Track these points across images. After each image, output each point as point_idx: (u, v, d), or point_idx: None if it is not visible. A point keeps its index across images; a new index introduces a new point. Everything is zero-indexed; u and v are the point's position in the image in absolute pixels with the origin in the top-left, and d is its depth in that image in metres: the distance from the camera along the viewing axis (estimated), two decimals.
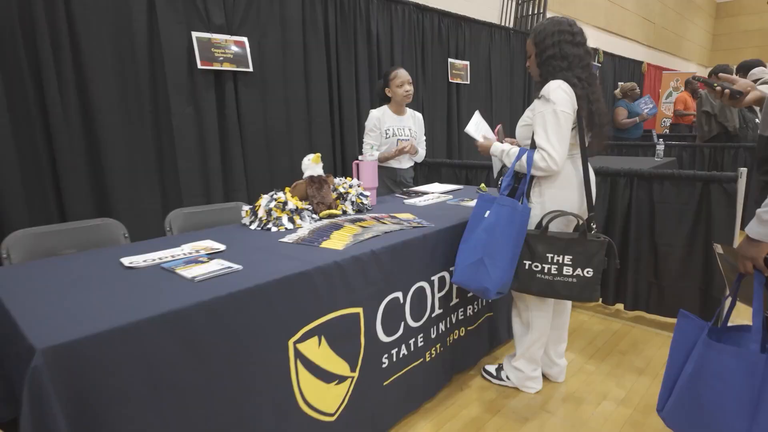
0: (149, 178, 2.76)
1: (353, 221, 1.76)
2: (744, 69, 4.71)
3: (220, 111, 3.03)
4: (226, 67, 2.99)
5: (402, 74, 2.65)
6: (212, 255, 1.37)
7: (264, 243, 1.52)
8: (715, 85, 1.38)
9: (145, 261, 1.30)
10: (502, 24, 5.83)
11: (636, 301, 2.51)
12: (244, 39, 3.08)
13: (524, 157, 1.65)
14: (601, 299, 2.67)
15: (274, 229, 1.70)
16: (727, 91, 1.36)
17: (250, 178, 3.21)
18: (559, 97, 1.58)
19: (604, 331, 2.47)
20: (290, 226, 1.72)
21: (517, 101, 6.04)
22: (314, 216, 1.83)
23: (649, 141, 5.60)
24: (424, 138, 2.90)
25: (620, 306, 2.62)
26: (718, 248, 1.39)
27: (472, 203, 2.15)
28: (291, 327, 1.22)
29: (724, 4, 14.76)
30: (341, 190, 2.02)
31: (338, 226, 1.67)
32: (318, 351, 1.29)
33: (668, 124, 7.38)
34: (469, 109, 5.11)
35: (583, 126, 1.66)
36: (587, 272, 1.64)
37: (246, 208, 1.81)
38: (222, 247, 1.44)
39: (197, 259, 1.31)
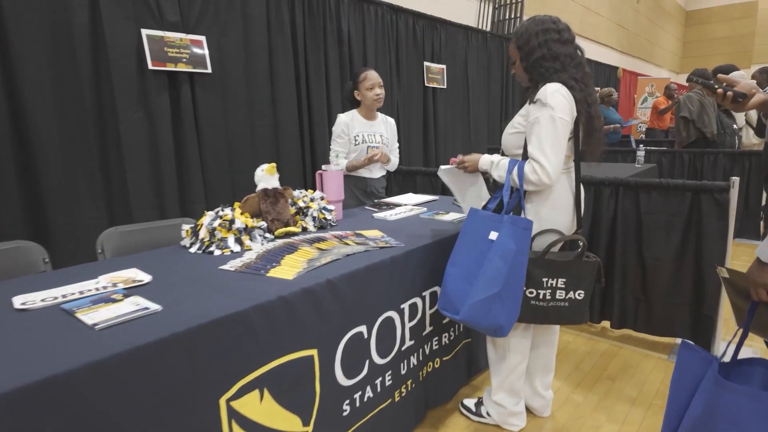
0: (92, 191, 2.48)
1: (311, 241, 1.54)
2: (722, 73, 4.67)
3: (175, 115, 2.78)
4: (182, 68, 2.74)
5: (372, 76, 2.44)
6: (131, 289, 1.13)
7: (200, 271, 1.28)
8: (716, 86, 1.24)
9: (43, 300, 1.05)
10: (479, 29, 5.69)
11: (623, 319, 2.35)
12: (202, 38, 2.83)
13: (515, 170, 1.45)
14: (609, 324, 2.50)
15: (217, 252, 1.46)
16: (729, 93, 1.22)
17: (209, 189, 2.95)
18: (557, 102, 1.39)
19: (590, 352, 2.29)
20: (237, 248, 1.48)
21: (495, 107, 5.92)
22: (267, 236, 1.61)
23: (626, 147, 5.54)
24: (398, 145, 2.70)
25: (606, 324, 2.45)
26: (723, 272, 1.23)
27: (448, 217, 1.96)
28: (222, 382, 0.99)
29: (694, 12, 15.12)
30: (301, 204, 1.80)
31: (292, 249, 1.45)
32: (260, 407, 1.06)
33: (644, 129, 7.38)
34: (446, 115, 4.94)
35: (580, 135, 1.48)
36: (578, 294, 1.47)
37: (186, 227, 1.57)
38: (146, 278, 1.20)
39: (110, 297, 1.06)
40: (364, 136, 2.48)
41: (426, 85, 4.59)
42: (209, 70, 2.85)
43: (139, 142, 2.62)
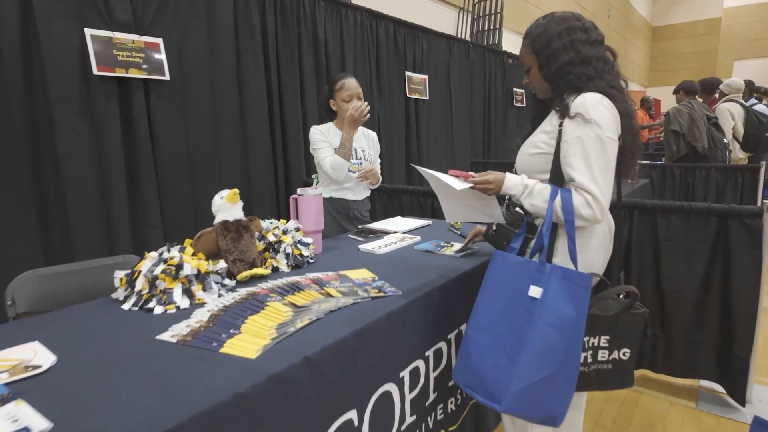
0: (22, 217, 2.09)
1: (283, 292, 1.21)
2: (709, 86, 4.59)
3: (126, 128, 2.41)
4: (134, 74, 2.38)
5: (350, 85, 2.13)
6: (19, 383, 0.78)
7: (129, 344, 0.94)
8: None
9: None
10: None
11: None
12: (159, 41, 2.48)
13: (558, 200, 1.14)
14: None
15: (158, 309, 1.12)
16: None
17: (167, 213, 2.57)
18: (603, 117, 1.12)
19: (608, 401, 2.01)
20: (185, 303, 1.14)
21: (478, 119, 5.71)
22: (227, 282, 1.27)
23: None
24: (380, 161, 2.39)
25: None
26: None
27: (452, 250, 1.64)
28: None
29: (660, 28, 15.56)
30: (271, 238, 1.47)
31: (257, 305, 1.11)
32: None
33: None
34: (429, 128, 4.68)
35: (627, 156, 1.22)
36: (624, 354, 1.20)
37: (120, 274, 1.21)
38: (47, 361, 0.85)
39: None
40: None
41: (408, 96, 4.33)
42: (167, 77, 2.50)
43: (82, 159, 2.24)
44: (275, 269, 1.43)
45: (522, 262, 1.15)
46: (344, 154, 2.04)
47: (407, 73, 4.30)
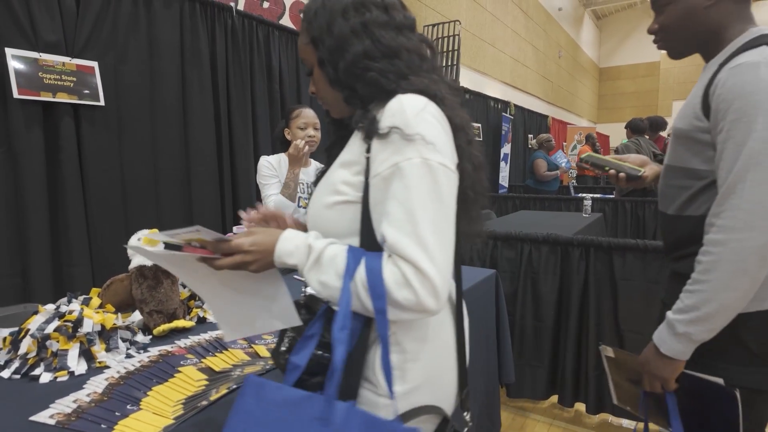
0: None
1: (204, 350, 1.04)
2: (655, 124, 4.81)
3: (51, 156, 2.19)
4: (63, 98, 2.18)
5: (307, 114, 2.03)
6: None
7: None
8: (607, 168, 1.19)
9: None
10: None
11: (600, 403, 2.01)
12: (94, 64, 2.30)
13: (361, 274, 0.65)
14: (557, 399, 2.14)
15: (46, 377, 0.92)
16: (622, 174, 1.17)
17: (96, 250, 2.33)
18: (433, 132, 0.68)
19: None
20: (82, 368, 0.95)
21: None
22: (139, 339, 1.08)
23: (566, 194, 5.55)
24: None
25: (581, 407, 2.10)
26: (608, 351, 1.14)
27: None
28: None
29: (606, 69, 16.56)
30: None
31: (167, 372, 0.94)
32: None
33: (575, 175, 7.58)
34: None
35: (468, 200, 0.75)
36: None
37: (5, 333, 1.01)
38: None
39: None
40: None
41: None
42: (102, 102, 2.31)
43: None
44: (202, 320, 1.25)
45: (295, 402, 0.62)
46: (289, 195, 1.92)
47: None
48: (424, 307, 0.63)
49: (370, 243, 0.68)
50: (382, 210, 0.68)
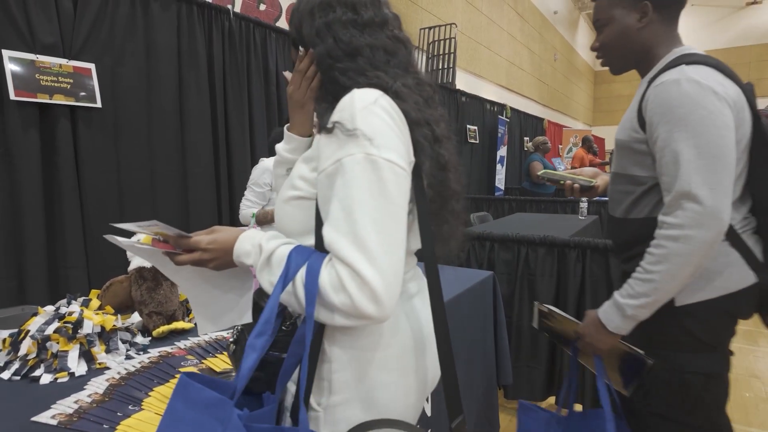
0: None
1: (205, 351, 1.04)
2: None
3: (47, 159, 2.18)
4: (60, 100, 2.18)
5: None
6: None
7: None
8: (561, 182, 1.32)
9: None
10: None
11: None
12: (91, 66, 2.30)
13: (302, 274, 0.63)
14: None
15: (47, 378, 0.92)
16: (576, 186, 1.28)
17: (93, 252, 2.32)
18: (377, 127, 0.64)
19: None
20: (82, 369, 0.95)
21: None
22: (139, 340, 1.09)
23: (561, 197, 5.57)
24: None
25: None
26: (543, 307, 1.24)
27: None
28: None
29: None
30: None
31: (169, 371, 0.94)
32: None
33: None
34: None
35: (436, 202, 0.73)
36: None
37: (4, 334, 1.01)
38: None
39: None
40: None
41: None
42: (99, 104, 2.31)
43: None
44: None
45: (210, 403, 0.58)
46: (265, 220, 2.01)
47: None
48: (361, 312, 0.59)
49: (323, 242, 0.64)
50: (324, 209, 0.66)
